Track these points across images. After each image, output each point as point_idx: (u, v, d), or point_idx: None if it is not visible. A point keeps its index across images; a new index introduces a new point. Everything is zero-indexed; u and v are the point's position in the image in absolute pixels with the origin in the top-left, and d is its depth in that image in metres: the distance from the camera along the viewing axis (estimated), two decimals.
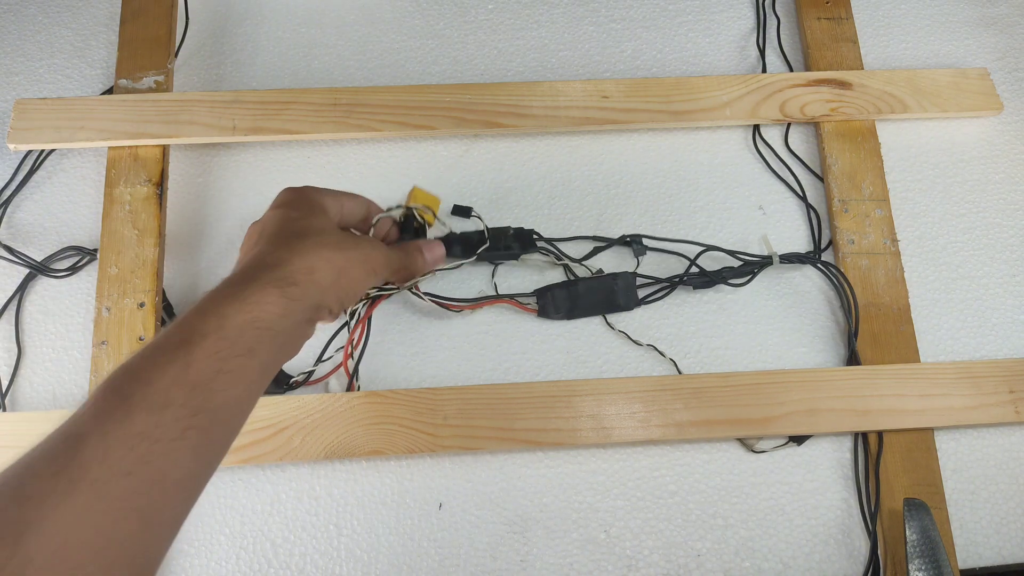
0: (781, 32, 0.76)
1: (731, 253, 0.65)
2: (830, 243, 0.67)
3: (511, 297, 0.63)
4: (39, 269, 0.65)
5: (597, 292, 0.63)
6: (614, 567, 0.58)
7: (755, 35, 0.76)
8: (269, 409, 0.58)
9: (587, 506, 0.59)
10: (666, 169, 0.70)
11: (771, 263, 0.64)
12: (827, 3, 0.75)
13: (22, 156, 0.68)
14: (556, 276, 0.65)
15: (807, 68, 0.73)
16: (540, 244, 0.64)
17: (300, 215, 0.47)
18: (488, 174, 0.69)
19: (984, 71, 0.72)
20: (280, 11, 0.76)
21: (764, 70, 0.74)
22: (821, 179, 0.69)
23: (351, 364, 0.61)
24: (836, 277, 0.64)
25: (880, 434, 0.59)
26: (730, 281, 0.64)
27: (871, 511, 0.58)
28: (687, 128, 0.71)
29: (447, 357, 0.63)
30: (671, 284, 0.64)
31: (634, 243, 0.65)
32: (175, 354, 0.36)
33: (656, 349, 0.63)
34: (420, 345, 0.63)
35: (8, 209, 0.67)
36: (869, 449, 0.60)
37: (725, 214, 0.68)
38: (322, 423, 0.58)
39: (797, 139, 0.71)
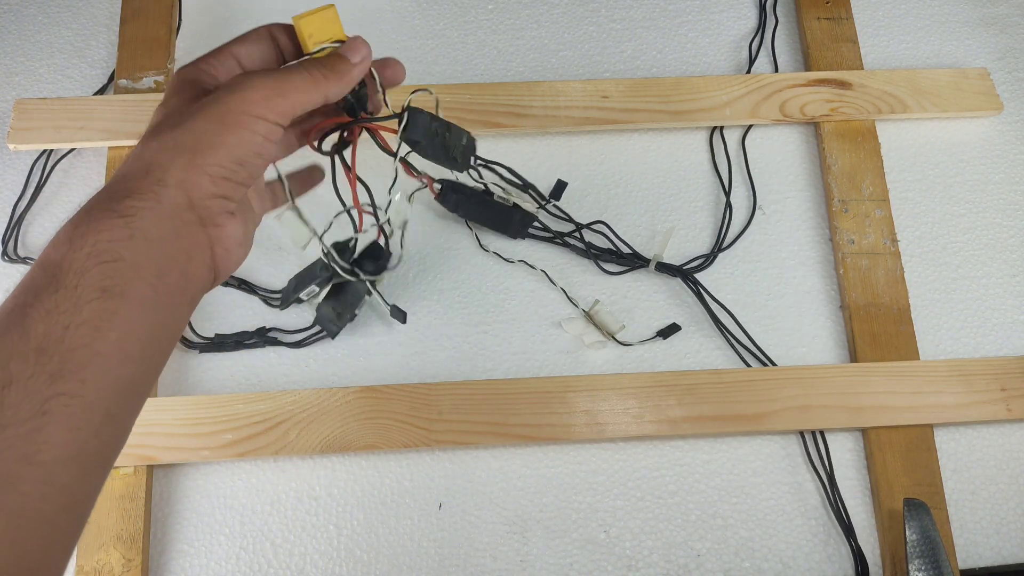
0: (781, 32, 0.76)
1: (620, 242, 0.66)
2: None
3: (418, 173, 0.58)
4: None
5: (498, 212, 0.64)
6: (614, 567, 0.58)
7: (755, 35, 0.76)
8: (265, 403, 0.58)
9: (587, 506, 0.59)
10: (666, 169, 0.70)
11: (646, 266, 0.65)
12: (827, 3, 0.75)
13: (30, 166, 0.68)
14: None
15: (807, 68, 0.73)
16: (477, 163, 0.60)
17: (160, 107, 0.38)
18: (488, 174, 0.69)
19: (984, 71, 0.72)
20: (279, 11, 0.75)
21: (764, 70, 0.74)
22: (751, 182, 0.69)
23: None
24: (701, 293, 0.64)
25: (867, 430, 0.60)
26: (602, 264, 0.65)
27: (844, 517, 0.58)
28: (687, 128, 0.71)
29: (447, 357, 0.63)
30: (558, 238, 0.66)
31: (557, 185, 0.66)
32: (9, 325, 0.30)
33: (527, 264, 0.63)
34: (419, 344, 0.63)
35: (13, 217, 0.67)
36: (867, 449, 0.60)
37: (733, 215, 0.68)
38: (318, 417, 0.58)
39: (797, 139, 0.71)
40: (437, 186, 0.62)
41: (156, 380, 0.34)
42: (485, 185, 0.63)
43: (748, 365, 0.62)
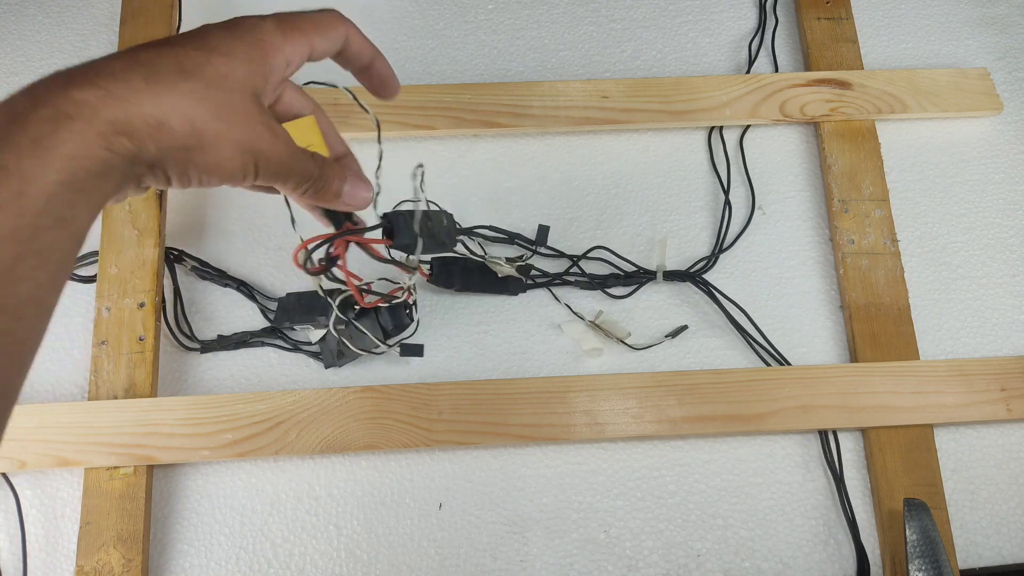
0: (781, 32, 0.76)
1: (618, 259, 0.65)
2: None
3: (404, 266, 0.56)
4: None
5: (492, 277, 0.63)
6: (614, 567, 0.58)
7: (755, 35, 0.76)
8: (265, 403, 0.58)
9: (587, 506, 0.59)
10: (666, 169, 0.70)
11: (655, 278, 0.65)
12: (827, 3, 0.75)
13: None
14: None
15: (807, 68, 0.73)
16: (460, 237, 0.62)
17: (205, 48, 0.35)
18: (488, 174, 0.69)
19: (984, 71, 0.72)
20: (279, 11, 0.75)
21: (764, 70, 0.74)
22: (750, 183, 0.69)
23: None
24: (713, 294, 0.64)
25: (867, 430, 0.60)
26: (610, 290, 0.65)
27: (850, 516, 0.58)
28: (687, 128, 0.71)
29: (447, 357, 0.63)
30: (557, 278, 0.65)
31: (539, 231, 0.65)
32: None
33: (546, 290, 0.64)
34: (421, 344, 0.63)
35: None
36: (867, 449, 0.60)
37: (732, 215, 0.68)
38: (318, 417, 0.58)
39: (797, 139, 0.71)
40: (427, 268, 0.61)
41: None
42: (471, 251, 0.63)
43: (766, 363, 0.62)
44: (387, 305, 0.57)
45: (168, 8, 0.73)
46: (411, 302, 0.58)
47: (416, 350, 0.60)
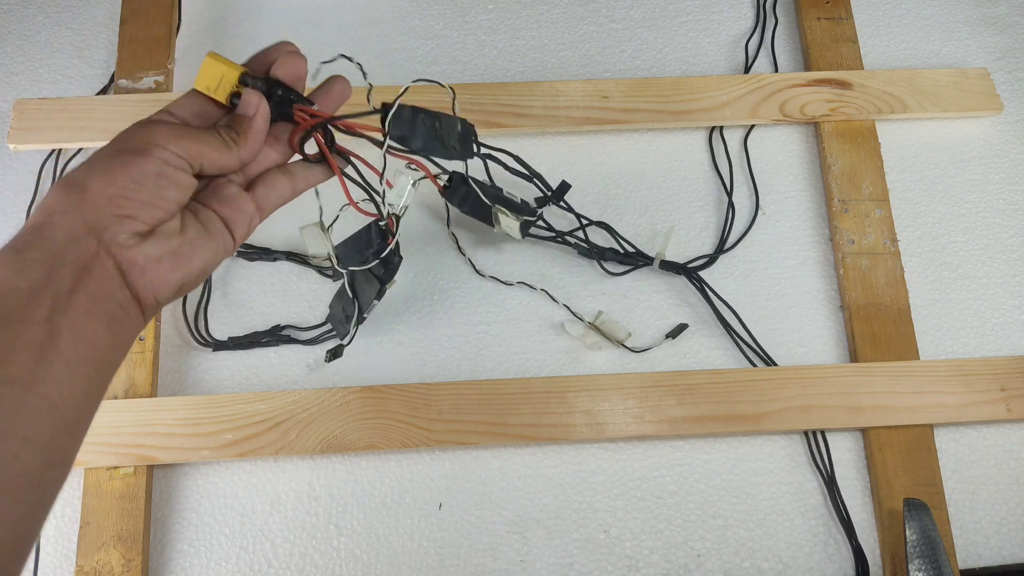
0: (781, 32, 0.76)
1: (622, 240, 0.65)
2: (724, 246, 0.67)
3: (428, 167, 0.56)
4: None
5: (506, 207, 0.60)
6: (614, 567, 0.58)
7: (755, 35, 0.76)
8: (265, 403, 0.58)
9: (587, 506, 0.59)
10: (666, 169, 0.70)
11: (651, 264, 0.65)
12: (827, 3, 0.75)
13: (39, 167, 0.68)
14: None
15: (807, 68, 0.73)
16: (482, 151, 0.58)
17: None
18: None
19: (984, 71, 0.72)
20: (280, 11, 0.76)
21: (764, 70, 0.74)
22: (751, 182, 0.69)
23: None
24: (704, 290, 0.64)
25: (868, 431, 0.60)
26: (605, 264, 0.65)
27: (844, 517, 0.58)
28: (687, 128, 0.71)
29: (447, 357, 0.63)
30: (560, 236, 0.65)
31: (561, 185, 0.63)
32: None
33: (527, 284, 0.65)
34: (419, 344, 0.63)
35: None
36: (867, 449, 0.60)
37: (735, 215, 0.68)
38: (318, 417, 0.58)
39: (797, 139, 0.71)
40: (444, 179, 0.59)
41: (94, 406, 0.34)
42: (492, 180, 0.62)
43: (752, 364, 0.63)
44: (376, 253, 0.55)
45: (168, 8, 0.73)
46: (394, 232, 0.54)
47: (338, 352, 0.59)
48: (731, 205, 0.68)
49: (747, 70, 0.74)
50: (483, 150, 0.56)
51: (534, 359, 0.63)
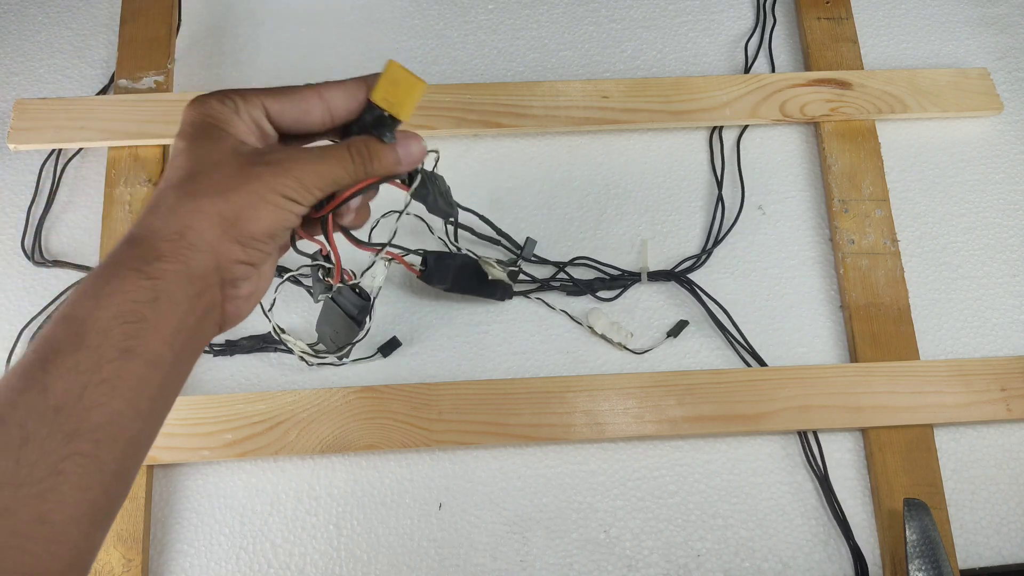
0: (781, 32, 0.76)
1: (601, 266, 0.65)
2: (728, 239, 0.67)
3: (401, 253, 0.60)
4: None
5: (480, 275, 0.61)
6: (614, 567, 0.58)
7: (755, 35, 0.76)
8: (266, 403, 0.58)
9: (587, 506, 0.59)
10: (666, 169, 0.70)
11: (639, 280, 0.65)
12: (827, 3, 0.75)
13: (39, 167, 0.68)
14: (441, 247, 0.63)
15: (807, 68, 0.73)
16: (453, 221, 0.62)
17: (187, 150, 0.36)
18: (488, 174, 0.69)
19: (984, 71, 0.72)
20: (280, 11, 0.76)
21: (764, 70, 0.74)
22: (735, 180, 0.69)
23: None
24: (697, 293, 0.64)
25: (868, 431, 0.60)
26: (599, 294, 0.65)
27: (840, 517, 0.58)
28: (687, 128, 0.71)
29: (447, 357, 0.63)
30: (545, 285, 0.64)
31: (527, 243, 0.64)
32: (29, 379, 0.30)
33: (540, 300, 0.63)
34: (419, 344, 0.63)
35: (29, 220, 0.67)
36: (867, 449, 0.60)
37: (725, 214, 0.68)
38: (318, 417, 0.58)
39: (797, 139, 0.71)
40: (418, 263, 0.59)
41: (158, 433, 0.35)
42: (459, 249, 0.62)
43: (747, 364, 0.63)
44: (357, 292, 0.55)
45: (168, 8, 0.73)
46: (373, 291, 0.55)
47: (392, 347, 0.60)
48: (720, 200, 0.68)
49: (747, 70, 0.74)
50: (457, 209, 0.56)
51: (534, 359, 0.63)
